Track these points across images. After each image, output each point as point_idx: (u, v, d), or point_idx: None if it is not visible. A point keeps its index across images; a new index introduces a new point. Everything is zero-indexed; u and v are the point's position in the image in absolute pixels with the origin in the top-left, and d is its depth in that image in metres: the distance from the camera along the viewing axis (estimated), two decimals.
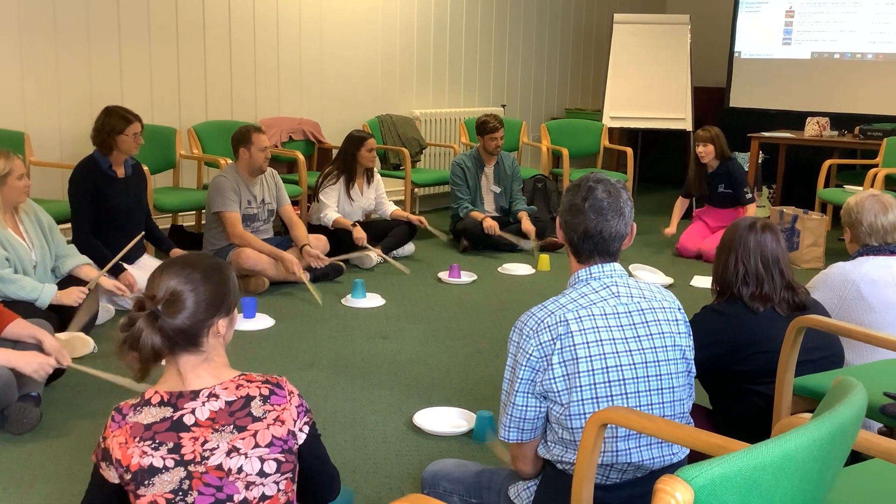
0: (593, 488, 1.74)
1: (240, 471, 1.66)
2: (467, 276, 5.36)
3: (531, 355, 1.89)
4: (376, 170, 6.01)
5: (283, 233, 5.40)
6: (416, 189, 7.14)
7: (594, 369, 1.87)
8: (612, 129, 8.07)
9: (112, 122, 4.41)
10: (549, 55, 8.84)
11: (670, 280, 5.41)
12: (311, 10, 6.60)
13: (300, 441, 1.75)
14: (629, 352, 1.91)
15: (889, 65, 7.81)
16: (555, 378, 1.87)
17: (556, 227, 2.06)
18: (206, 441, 1.66)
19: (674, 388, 1.95)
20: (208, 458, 1.65)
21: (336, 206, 5.68)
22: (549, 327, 1.89)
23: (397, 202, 6.37)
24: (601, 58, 9.00)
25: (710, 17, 9.19)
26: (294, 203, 5.62)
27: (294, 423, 1.73)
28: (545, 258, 5.74)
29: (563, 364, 1.87)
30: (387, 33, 7.18)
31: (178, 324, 1.68)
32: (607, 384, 1.88)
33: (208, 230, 5.11)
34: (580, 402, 1.87)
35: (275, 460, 1.69)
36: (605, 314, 1.92)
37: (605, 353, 1.88)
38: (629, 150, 7.48)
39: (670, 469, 1.95)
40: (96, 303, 4.00)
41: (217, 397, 1.70)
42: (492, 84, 8.24)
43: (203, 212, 5.52)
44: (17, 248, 3.68)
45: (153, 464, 1.64)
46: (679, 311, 2.02)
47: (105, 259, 4.31)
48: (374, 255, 5.59)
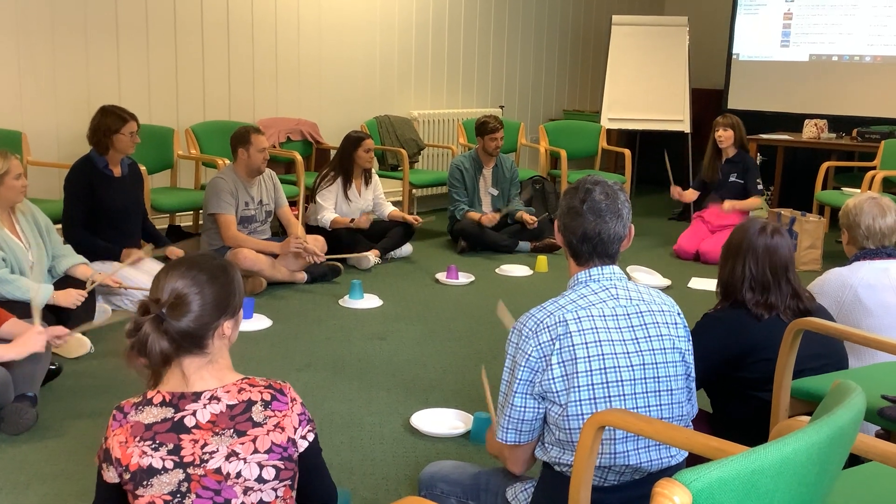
0: (591, 490, 1.73)
1: (238, 476, 1.66)
2: (465, 277, 5.36)
3: (530, 356, 1.89)
4: (374, 171, 6.00)
5: (281, 234, 5.39)
6: (414, 190, 7.13)
7: (592, 370, 1.87)
8: (610, 131, 8.08)
9: (108, 122, 4.41)
10: (548, 56, 8.85)
11: (668, 282, 5.40)
12: (309, 10, 6.60)
13: (301, 449, 1.73)
14: (627, 353, 1.90)
15: (887, 67, 7.82)
16: (554, 378, 1.87)
17: (555, 230, 2.06)
18: (205, 444, 1.65)
19: (672, 390, 1.95)
20: (207, 462, 1.64)
21: (334, 207, 5.68)
22: (548, 328, 1.89)
23: (395, 203, 6.37)
24: (599, 59, 9.00)
25: (708, 18, 9.20)
26: (292, 204, 5.61)
27: (295, 430, 1.71)
28: (543, 259, 5.74)
29: (562, 364, 1.87)
30: (385, 34, 7.18)
31: (184, 326, 1.66)
32: (605, 385, 1.88)
33: (206, 231, 5.10)
34: (578, 402, 1.86)
35: (273, 467, 1.68)
36: (604, 316, 1.92)
37: (603, 355, 1.88)
38: (627, 152, 7.49)
39: (668, 471, 1.95)
40: (93, 302, 4.00)
41: (218, 400, 1.69)
42: (490, 85, 8.24)
43: (200, 212, 5.52)
44: (13, 248, 3.67)
45: (152, 464, 1.63)
46: (678, 314, 2.01)
47: (98, 249, 4.32)
48: (372, 256, 5.59)
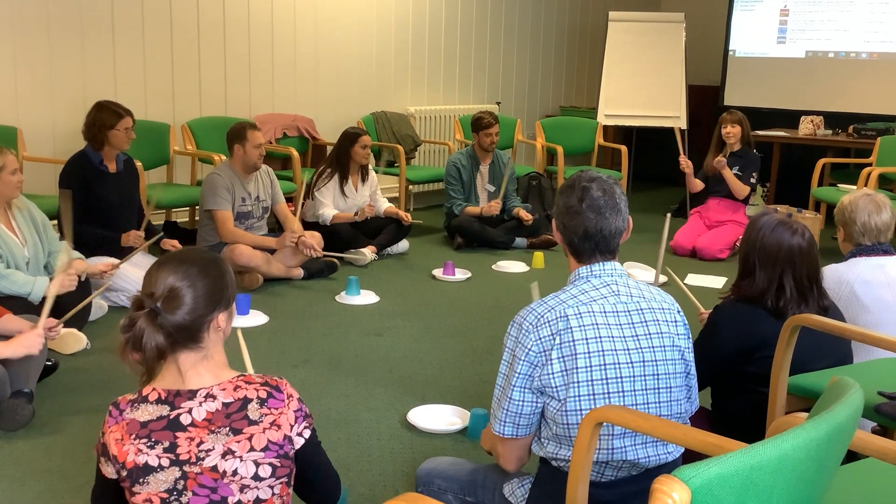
0: (588, 485, 1.74)
1: (234, 473, 1.65)
2: (462, 274, 5.36)
3: (530, 350, 1.89)
4: (371, 167, 6.00)
5: (278, 230, 5.39)
6: (411, 186, 7.13)
7: (592, 366, 1.87)
8: (606, 127, 8.07)
9: (103, 117, 4.40)
10: (544, 53, 8.84)
11: (665, 278, 5.40)
12: (305, 5, 6.58)
13: (297, 446, 1.73)
14: (627, 350, 1.90)
15: (883, 64, 7.83)
16: (553, 373, 1.87)
17: (553, 229, 2.05)
18: (201, 442, 1.65)
19: (671, 388, 1.95)
20: (203, 460, 1.64)
21: (332, 204, 5.67)
22: (548, 322, 1.89)
23: (392, 199, 6.36)
24: (596, 55, 9.00)
25: (704, 15, 9.20)
26: (288, 200, 5.60)
27: (291, 427, 1.71)
28: (539, 256, 5.75)
29: (561, 359, 1.87)
30: (382, 30, 7.17)
31: (179, 320, 1.66)
32: (604, 381, 1.88)
33: (202, 227, 5.10)
34: (577, 398, 1.86)
35: (270, 464, 1.68)
36: (604, 312, 1.92)
37: (603, 351, 1.88)
38: (623, 148, 7.49)
39: (666, 467, 1.95)
40: (89, 295, 3.99)
41: (214, 398, 1.68)
42: (486, 81, 8.23)
43: (197, 208, 5.51)
44: (9, 243, 3.66)
45: (148, 462, 1.63)
46: (678, 312, 2.01)
47: (99, 238, 4.31)
48: (369, 252, 5.59)
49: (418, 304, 4.78)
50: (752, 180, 6.16)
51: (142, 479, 1.63)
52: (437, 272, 5.35)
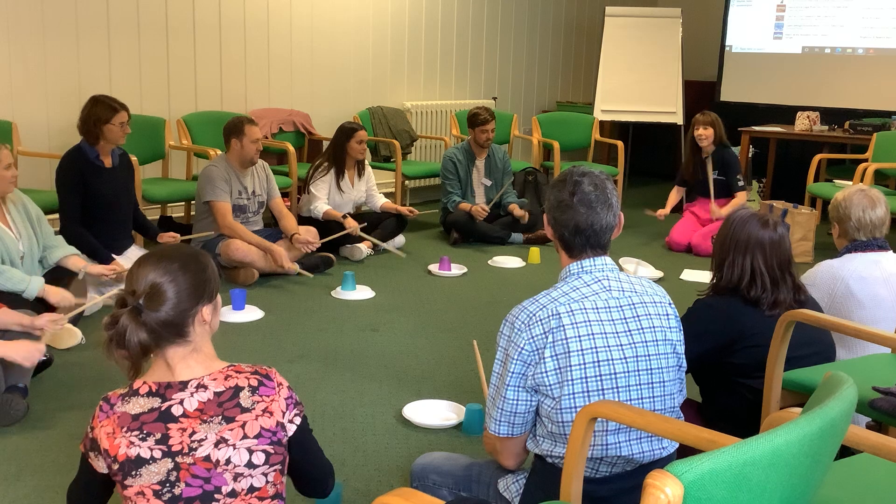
0: (583, 481, 1.74)
1: (228, 462, 1.66)
2: (457, 269, 5.35)
3: (523, 349, 1.89)
4: (367, 162, 5.99)
5: (273, 224, 5.38)
6: (407, 181, 7.12)
7: (585, 363, 1.87)
8: (603, 123, 8.07)
9: (98, 112, 4.39)
10: (541, 48, 8.83)
11: (660, 273, 5.41)
12: (301, 0, 6.57)
13: (289, 433, 1.74)
14: (620, 346, 1.90)
15: (879, 60, 7.83)
16: (547, 372, 1.87)
17: (545, 224, 2.05)
18: (194, 432, 1.65)
19: (664, 382, 1.95)
20: (196, 450, 1.65)
21: (327, 198, 5.66)
22: (540, 321, 1.89)
23: (388, 194, 6.36)
24: (592, 51, 9.00)
25: (701, 10, 9.20)
26: (284, 195, 5.60)
27: (283, 414, 1.73)
28: (535, 251, 5.75)
29: (555, 358, 1.87)
30: (378, 24, 7.15)
31: (162, 316, 1.67)
32: (598, 378, 1.88)
33: (198, 220, 5.09)
34: (571, 395, 1.86)
35: (263, 451, 1.69)
36: (596, 308, 1.92)
37: (596, 347, 1.88)
38: (620, 144, 7.48)
39: (660, 463, 1.95)
40: (84, 292, 3.98)
41: (205, 388, 1.69)
42: (483, 76, 8.22)
43: (192, 202, 5.49)
44: (4, 238, 3.65)
45: (140, 454, 1.63)
46: (670, 305, 2.01)
47: (93, 248, 4.29)
48: (365, 247, 5.58)
49: (414, 299, 4.77)
50: (739, 183, 6.12)
51: (134, 472, 1.64)
52: (433, 267, 5.35)
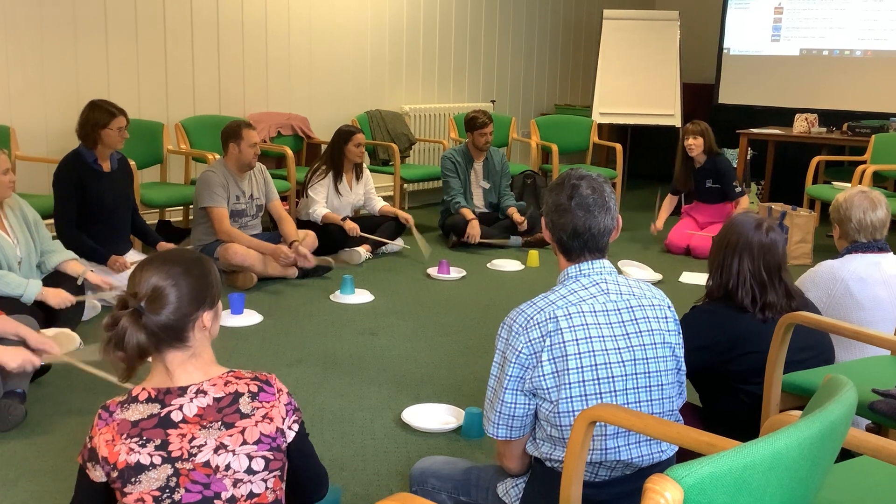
0: (582, 485, 1.73)
1: (227, 468, 1.65)
2: (456, 272, 5.35)
3: (520, 352, 1.88)
4: (365, 165, 5.99)
5: (271, 228, 5.38)
6: (405, 185, 7.12)
7: (583, 366, 1.86)
8: (601, 125, 8.08)
9: (96, 116, 4.39)
10: (539, 51, 8.84)
11: (659, 276, 5.41)
12: (299, 3, 6.57)
13: (289, 439, 1.74)
14: (618, 349, 1.90)
15: (877, 62, 7.84)
16: (544, 375, 1.87)
17: (542, 226, 2.04)
18: (193, 438, 1.65)
19: (663, 385, 1.94)
20: (196, 455, 1.64)
21: (325, 202, 5.66)
22: (538, 324, 1.88)
23: (386, 198, 6.35)
24: (591, 53, 9.00)
25: (699, 13, 9.21)
26: (282, 198, 5.59)
27: (283, 420, 1.72)
28: (534, 254, 5.74)
29: (552, 361, 1.86)
30: (376, 27, 7.16)
31: (163, 320, 1.67)
32: (596, 381, 1.87)
33: (196, 225, 5.08)
34: (569, 399, 1.86)
35: (263, 458, 1.68)
36: (594, 311, 1.91)
37: (594, 351, 1.88)
38: (618, 146, 7.49)
39: (659, 466, 1.94)
40: (83, 301, 3.97)
41: (205, 393, 1.69)
42: (481, 79, 8.23)
43: (191, 207, 5.49)
44: (1, 243, 3.64)
45: (140, 461, 1.63)
46: (669, 308, 2.01)
47: (91, 251, 4.29)
48: (363, 250, 5.58)
49: (413, 302, 4.77)
50: (737, 189, 6.11)
51: (134, 479, 1.63)
52: (432, 271, 5.34)
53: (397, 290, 5.01)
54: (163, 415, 1.66)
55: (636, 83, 8.01)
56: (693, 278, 5.43)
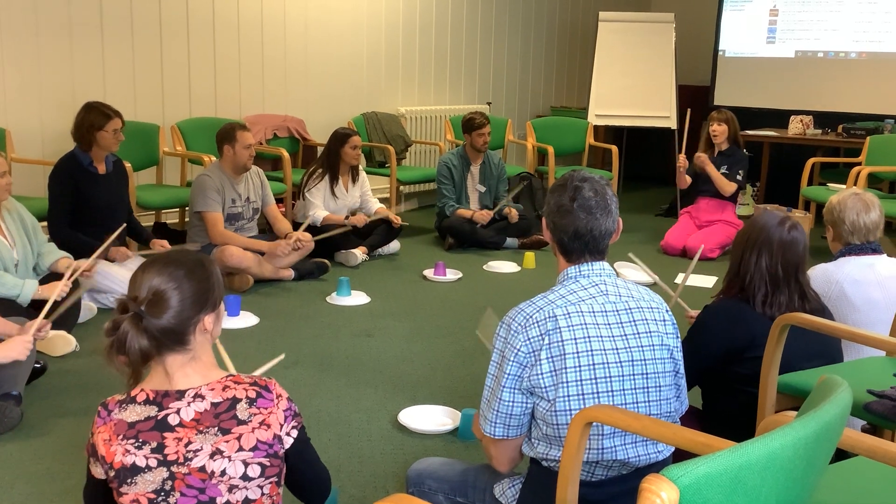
0: (578, 485, 1.73)
1: (223, 473, 1.65)
2: (453, 274, 5.35)
3: (519, 350, 1.89)
4: (361, 167, 5.99)
5: (268, 231, 5.37)
6: (402, 187, 7.12)
7: (581, 366, 1.87)
8: (597, 127, 8.09)
9: (91, 119, 4.38)
10: (535, 53, 8.85)
11: (655, 278, 5.40)
12: (295, 5, 6.57)
13: (287, 446, 1.73)
14: (616, 350, 1.90)
15: (872, 63, 7.86)
16: (542, 374, 1.87)
17: (543, 227, 2.05)
18: (189, 442, 1.64)
19: (660, 387, 1.95)
20: (191, 460, 1.64)
21: (322, 204, 5.66)
22: (537, 322, 1.89)
23: (383, 200, 6.35)
24: (586, 56, 9.01)
25: (694, 15, 9.23)
26: (279, 201, 5.59)
27: (281, 427, 1.71)
28: (530, 256, 5.75)
29: (550, 360, 1.87)
30: (372, 30, 7.16)
31: (164, 324, 1.65)
32: (593, 381, 1.87)
33: (191, 228, 5.08)
34: (566, 398, 1.86)
35: (259, 464, 1.68)
36: (593, 311, 1.92)
37: (592, 350, 1.88)
38: (614, 148, 7.50)
39: (656, 466, 1.95)
40: (79, 300, 3.96)
41: (203, 398, 1.68)
42: (477, 81, 8.23)
43: (187, 209, 5.49)
44: None
45: (136, 463, 1.63)
46: (667, 311, 2.01)
47: (84, 247, 4.27)
48: (360, 252, 5.58)
49: (409, 304, 4.77)
50: (738, 177, 6.15)
51: (129, 480, 1.63)
52: (428, 272, 5.34)
53: (393, 291, 5.01)
54: (159, 418, 1.65)
55: (632, 85, 8.02)
56: (690, 279, 5.40)
